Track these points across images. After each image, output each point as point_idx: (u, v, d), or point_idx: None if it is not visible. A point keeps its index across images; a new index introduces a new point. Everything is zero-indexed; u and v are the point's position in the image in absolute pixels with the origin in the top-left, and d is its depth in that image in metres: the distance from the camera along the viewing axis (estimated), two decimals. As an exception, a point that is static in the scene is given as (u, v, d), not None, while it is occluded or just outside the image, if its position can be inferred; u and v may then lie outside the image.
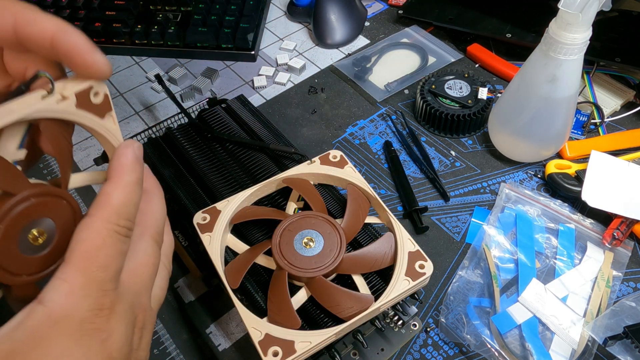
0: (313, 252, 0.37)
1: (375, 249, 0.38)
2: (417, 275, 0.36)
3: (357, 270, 0.37)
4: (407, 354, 0.41)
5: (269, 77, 0.64)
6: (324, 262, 0.36)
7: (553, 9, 0.41)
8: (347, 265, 0.37)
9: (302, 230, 0.38)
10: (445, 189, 0.50)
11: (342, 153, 0.43)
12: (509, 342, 0.40)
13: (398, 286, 0.35)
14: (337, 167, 0.42)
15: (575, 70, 0.44)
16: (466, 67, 0.63)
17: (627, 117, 0.56)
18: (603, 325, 0.40)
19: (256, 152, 0.46)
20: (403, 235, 0.38)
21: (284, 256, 0.36)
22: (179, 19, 0.68)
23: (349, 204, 0.40)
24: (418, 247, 0.37)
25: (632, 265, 0.45)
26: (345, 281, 0.38)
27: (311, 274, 0.36)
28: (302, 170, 0.42)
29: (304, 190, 0.41)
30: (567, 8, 0.39)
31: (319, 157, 0.43)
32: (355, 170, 0.42)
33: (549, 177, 0.50)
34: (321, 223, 0.38)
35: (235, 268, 0.37)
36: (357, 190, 0.41)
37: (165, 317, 0.43)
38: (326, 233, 0.38)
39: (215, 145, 0.47)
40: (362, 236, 0.40)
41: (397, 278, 0.36)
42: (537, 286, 0.43)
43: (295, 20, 0.72)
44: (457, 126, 0.54)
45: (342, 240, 0.37)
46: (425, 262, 0.36)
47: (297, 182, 0.42)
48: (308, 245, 0.37)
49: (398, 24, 0.70)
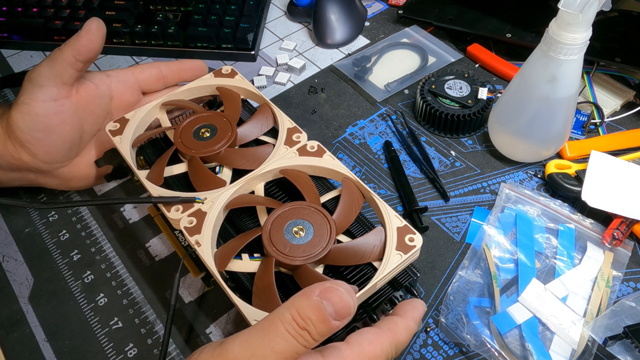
0: (302, 241, 0.37)
1: (365, 241, 0.38)
2: (408, 248, 0.36)
3: (345, 262, 0.37)
4: (407, 354, 0.41)
5: (269, 77, 0.64)
6: (312, 252, 0.36)
7: (553, 9, 0.41)
8: (335, 256, 0.37)
9: (293, 219, 0.38)
10: (445, 189, 0.50)
11: (319, 143, 0.44)
12: (509, 342, 0.40)
13: (391, 260, 0.36)
14: (316, 157, 0.43)
15: (575, 70, 0.44)
16: (466, 67, 0.63)
17: (627, 117, 0.56)
18: (603, 325, 0.40)
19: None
20: (390, 213, 0.38)
21: (272, 243, 0.37)
22: (179, 19, 0.68)
23: (342, 196, 0.40)
24: (405, 222, 0.38)
25: (632, 265, 0.45)
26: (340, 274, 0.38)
27: (298, 262, 0.36)
28: (298, 161, 0.43)
29: (300, 181, 0.41)
30: (567, 8, 0.39)
31: (296, 148, 0.43)
32: (335, 158, 0.43)
33: (549, 177, 0.50)
34: (313, 214, 0.38)
35: (225, 252, 0.37)
36: (351, 184, 0.41)
37: (165, 317, 0.44)
38: (317, 224, 0.38)
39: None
40: (356, 229, 0.41)
41: (389, 253, 0.36)
42: (537, 286, 0.43)
43: (295, 20, 0.72)
44: (457, 126, 0.54)
45: (332, 231, 0.37)
46: (415, 235, 0.37)
47: (293, 173, 0.42)
48: (298, 234, 0.37)
49: (398, 24, 0.70)
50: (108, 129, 0.45)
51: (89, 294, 0.45)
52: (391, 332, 0.33)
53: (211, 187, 0.41)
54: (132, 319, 0.43)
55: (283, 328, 0.28)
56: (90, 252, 0.48)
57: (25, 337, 0.43)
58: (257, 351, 0.27)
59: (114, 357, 0.41)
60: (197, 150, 0.43)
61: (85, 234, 0.49)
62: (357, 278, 0.38)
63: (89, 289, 0.46)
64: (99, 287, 0.46)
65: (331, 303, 0.28)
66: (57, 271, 0.47)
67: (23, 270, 0.47)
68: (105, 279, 0.46)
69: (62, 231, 0.50)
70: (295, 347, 0.28)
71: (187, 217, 0.39)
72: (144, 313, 0.44)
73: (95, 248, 0.48)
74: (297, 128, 0.45)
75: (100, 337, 0.43)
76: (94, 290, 0.45)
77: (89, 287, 0.46)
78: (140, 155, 0.47)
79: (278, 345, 0.27)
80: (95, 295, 0.45)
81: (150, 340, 0.42)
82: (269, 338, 0.28)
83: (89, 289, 0.46)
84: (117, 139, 0.45)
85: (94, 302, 0.45)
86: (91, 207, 0.51)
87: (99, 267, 0.47)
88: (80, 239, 0.49)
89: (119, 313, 0.44)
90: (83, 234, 0.49)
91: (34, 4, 0.70)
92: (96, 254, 0.48)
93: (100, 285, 0.46)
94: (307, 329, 0.28)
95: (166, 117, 0.49)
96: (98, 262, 0.47)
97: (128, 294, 0.45)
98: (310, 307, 0.28)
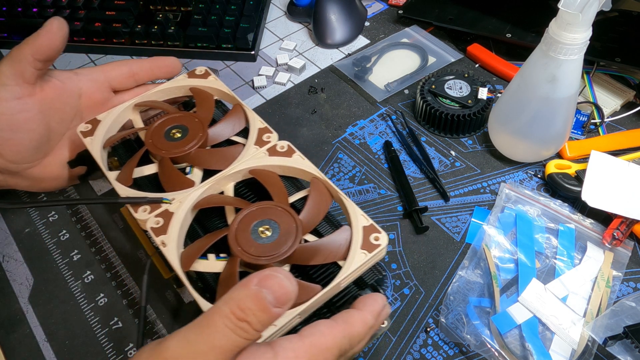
0: (268, 241, 0.37)
1: (330, 240, 0.38)
2: (373, 247, 0.36)
3: (311, 261, 0.37)
4: (407, 354, 0.41)
5: (269, 77, 0.64)
6: (277, 251, 0.36)
7: (553, 9, 0.41)
8: (300, 255, 0.37)
9: (260, 219, 0.38)
10: (445, 189, 0.50)
11: (289, 143, 0.44)
12: (509, 342, 0.40)
13: (356, 259, 0.36)
14: (286, 157, 0.43)
15: (575, 70, 0.44)
16: (466, 67, 0.63)
17: (627, 117, 0.56)
18: (603, 325, 0.40)
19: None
20: (357, 212, 0.38)
21: (238, 243, 0.37)
22: (179, 19, 0.68)
23: (310, 196, 0.40)
24: (372, 221, 0.38)
25: (632, 265, 0.45)
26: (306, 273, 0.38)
27: (263, 262, 0.36)
28: (268, 161, 0.43)
29: (268, 181, 0.41)
30: (567, 8, 0.39)
31: (266, 148, 0.43)
32: (305, 158, 0.42)
33: (549, 177, 0.50)
34: (280, 213, 0.38)
35: (190, 252, 0.37)
36: (320, 184, 0.41)
37: (165, 317, 0.44)
38: (284, 223, 0.38)
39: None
40: (325, 228, 0.40)
41: (354, 252, 0.36)
42: (537, 286, 0.43)
43: (295, 20, 0.72)
44: (457, 126, 0.54)
45: (299, 231, 0.37)
46: (380, 234, 0.37)
47: (262, 173, 0.42)
48: (264, 234, 0.37)
49: (398, 24, 0.70)
50: (79, 131, 0.45)
51: (89, 294, 0.45)
52: (346, 324, 0.32)
53: (180, 187, 0.41)
54: (132, 319, 0.44)
55: (221, 322, 0.27)
56: (90, 252, 0.48)
57: (25, 337, 0.43)
58: (195, 348, 0.27)
59: (114, 357, 0.41)
60: (167, 151, 0.43)
61: (85, 234, 0.49)
62: (323, 277, 0.37)
63: (89, 289, 0.46)
64: (99, 287, 0.46)
65: (270, 291, 0.27)
66: (57, 271, 0.47)
67: (23, 270, 0.47)
68: (105, 279, 0.46)
69: (62, 231, 0.50)
70: (234, 340, 0.27)
71: (154, 217, 0.39)
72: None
73: (95, 248, 0.48)
74: (267, 128, 0.45)
75: (100, 337, 0.43)
76: (94, 290, 0.45)
77: (89, 287, 0.46)
78: (114, 157, 0.47)
79: (217, 340, 0.27)
80: (95, 295, 0.45)
81: (150, 341, 0.42)
82: (207, 333, 0.27)
83: (89, 289, 0.46)
84: (88, 140, 0.45)
85: (94, 302, 0.45)
86: (91, 207, 0.51)
87: (99, 267, 0.47)
88: (80, 239, 0.49)
89: (119, 313, 0.44)
90: (83, 234, 0.49)
91: (34, 4, 0.70)
92: (96, 254, 0.48)
93: (100, 285, 0.46)
94: (246, 319, 0.27)
95: (139, 118, 0.49)
96: (98, 262, 0.47)
97: (128, 294, 0.45)
98: (249, 296, 0.27)
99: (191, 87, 0.49)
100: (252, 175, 0.42)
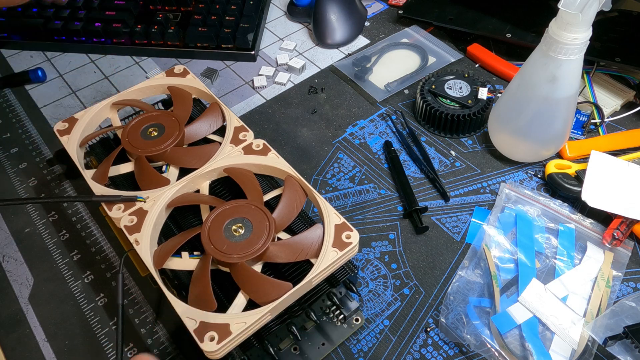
0: (240, 239, 0.37)
1: (302, 238, 0.38)
2: (344, 245, 0.36)
3: (283, 259, 0.37)
4: (407, 354, 0.41)
5: (269, 77, 0.64)
6: (249, 249, 0.36)
7: (553, 9, 0.41)
8: (273, 253, 0.37)
9: (233, 217, 0.38)
10: (445, 189, 0.50)
11: (264, 142, 0.44)
12: (509, 342, 0.40)
13: (327, 257, 0.36)
14: (261, 155, 0.43)
15: (575, 70, 0.44)
16: (466, 67, 0.63)
17: (627, 117, 0.56)
18: (603, 325, 0.40)
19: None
20: (329, 210, 0.38)
21: (211, 241, 0.37)
22: (179, 19, 0.68)
23: (284, 194, 0.40)
24: (344, 219, 0.38)
25: (632, 265, 0.45)
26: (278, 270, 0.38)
27: (235, 260, 0.36)
28: (243, 160, 0.43)
29: (243, 180, 0.41)
30: (567, 8, 0.39)
31: (242, 146, 0.44)
32: (279, 157, 0.43)
33: (549, 177, 0.50)
34: (253, 212, 0.38)
35: (163, 251, 0.37)
36: (294, 182, 0.41)
37: (165, 317, 0.44)
38: (257, 221, 0.38)
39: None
40: (299, 227, 0.41)
41: (325, 250, 0.36)
42: (537, 286, 0.43)
43: (295, 20, 0.72)
44: (457, 126, 0.54)
45: (272, 229, 0.37)
46: (351, 232, 0.37)
47: (237, 171, 0.42)
48: (237, 232, 0.37)
49: (398, 24, 0.70)
50: (56, 129, 0.46)
51: (89, 294, 0.45)
52: None
53: (155, 185, 0.41)
54: (132, 319, 0.43)
55: None
56: (90, 252, 0.48)
57: (25, 337, 0.43)
58: None
59: (114, 357, 0.41)
60: (143, 150, 0.44)
61: (85, 234, 0.49)
62: (295, 275, 0.38)
63: (89, 289, 0.46)
64: (99, 287, 0.46)
65: None
66: (57, 271, 0.47)
67: (23, 270, 0.47)
68: (105, 279, 0.46)
69: (62, 231, 0.50)
70: None
71: (128, 215, 0.39)
72: (144, 313, 0.44)
73: (95, 248, 0.48)
74: (244, 127, 0.45)
75: (100, 337, 0.43)
76: (94, 290, 0.45)
77: (89, 287, 0.46)
78: (92, 155, 0.47)
79: None
80: (95, 295, 0.45)
81: (150, 341, 0.42)
82: None
83: (89, 289, 0.46)
84: (65, 139, 0.45)
85: (94, 302, 0.45)
86: (91, 207, 0.51)
87: (99, 267, 0.47)
88: (80, 239, 0.49)
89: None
90: (83, 234, 0.49)
91: (34, 4, 0.70)
92: (96, 254, 0.48)
93: (100, 285, 0.46)
94: None
95: (117, 116, 0.49)
96: (98, 262, 0.47)
97: (128, 294, 0.45)
98: None
99: (169, 85, 0.50)
100: (227, 174, 0.42)
